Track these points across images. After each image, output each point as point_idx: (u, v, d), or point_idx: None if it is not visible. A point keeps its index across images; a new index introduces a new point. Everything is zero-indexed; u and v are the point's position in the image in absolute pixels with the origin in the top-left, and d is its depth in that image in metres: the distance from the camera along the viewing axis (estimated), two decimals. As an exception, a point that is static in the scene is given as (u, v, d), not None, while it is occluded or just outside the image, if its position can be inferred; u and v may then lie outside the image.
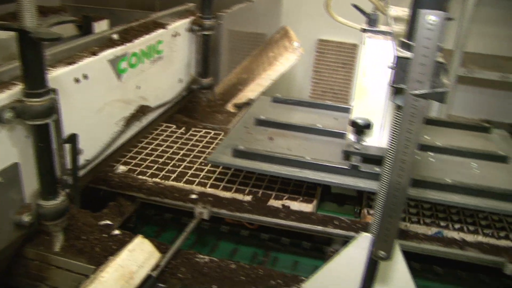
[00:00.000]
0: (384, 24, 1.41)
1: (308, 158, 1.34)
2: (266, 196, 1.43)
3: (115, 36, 1.48)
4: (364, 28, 1.36)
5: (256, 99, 1.87)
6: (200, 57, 2.02)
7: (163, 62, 1.76)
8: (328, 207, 1.56)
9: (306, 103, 1.79)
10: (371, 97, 1.31)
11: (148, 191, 1.44)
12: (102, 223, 1.32)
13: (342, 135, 1.47)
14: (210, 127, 1.90)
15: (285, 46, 2.04)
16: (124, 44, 1.48)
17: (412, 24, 0.84)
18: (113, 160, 1.57)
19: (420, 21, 0.75)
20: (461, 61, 2.92)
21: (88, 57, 1.32)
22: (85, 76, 1.29)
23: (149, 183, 1.47)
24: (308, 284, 1.04)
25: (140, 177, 1.51)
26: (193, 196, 1.41)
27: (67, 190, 1.18)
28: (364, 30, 1.35)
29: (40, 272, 1.17)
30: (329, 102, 1.82)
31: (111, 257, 1.13)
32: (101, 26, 1.97)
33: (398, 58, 0.80)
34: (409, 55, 0.78)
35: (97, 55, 1.35)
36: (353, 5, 1.50)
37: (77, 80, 1.26)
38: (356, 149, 1.33)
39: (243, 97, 2.14)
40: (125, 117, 1.55)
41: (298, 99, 1.80)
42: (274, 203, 1.42)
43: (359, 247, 0.97)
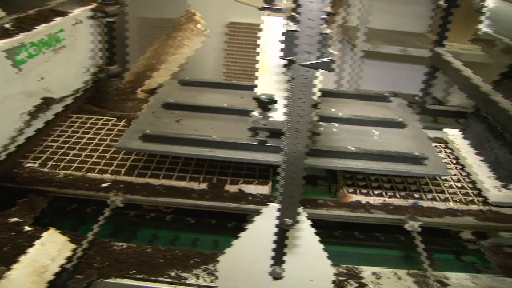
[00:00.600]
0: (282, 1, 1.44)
1: (217, 137, 1.35)
2: (222, 182, 1.45)
3: (9, 25, 1.41)
4: (263, 7, 1.38)
5: (163, 83, 1.84)
6: (106, 44, 1.96)
7: (66, 51, 1.70)
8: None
9: (213, 84, 1.79)
10: (273, 73, 1.34)
11: (59, 183, 1.40)
12: (10, 221, 1.26)
13: (249, 113, 1.49)
14: (120, 115, 1.87)
15: (191, 29, 2.02)
16: (21, 34, 1.41)
17: (297, -2, 0.87)
18: (21, 156, 1.51)
19: (304, -5, 0.77)
20: (365, 37, 3.06)
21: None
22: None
23: (59, 175, 1.43)
24: (223, 259, 1.06)
25: (51, 170, 1.46)
26: (106, 185, 1.40)
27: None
28: (263, 9, 1.37)
29: None
30: (236, 82, 1.83)
31: (23, 254, 1.09)
32: (-4, 16, 1.85)
33: (286, 32, 0.82)
34: (296, 27, 0.80)
35: (-11, 46, 1.28)
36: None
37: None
38: (262, 124, 1.36)
39: (152, 83, 2.11)
40: (28, 110, 1.50)
41: (205, 80, 1.79)
42: (230, 188, 1.44)
43: (267, 218, 1.00)
